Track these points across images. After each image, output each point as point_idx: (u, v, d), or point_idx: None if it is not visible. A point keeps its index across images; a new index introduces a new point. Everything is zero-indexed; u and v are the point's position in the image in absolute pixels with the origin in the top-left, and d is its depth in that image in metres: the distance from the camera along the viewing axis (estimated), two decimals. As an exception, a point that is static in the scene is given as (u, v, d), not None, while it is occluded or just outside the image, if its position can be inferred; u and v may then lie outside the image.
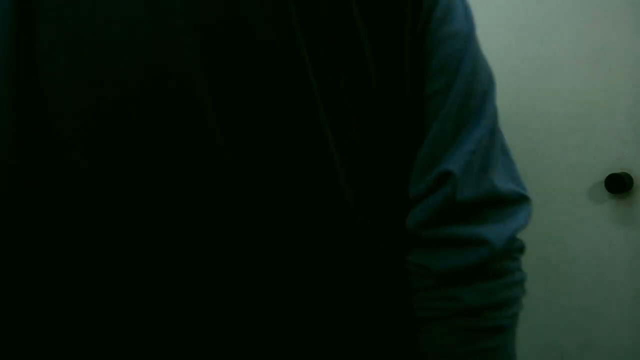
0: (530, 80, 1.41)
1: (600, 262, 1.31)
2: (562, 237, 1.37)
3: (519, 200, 0.42)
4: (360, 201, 0.37)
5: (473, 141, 0.38)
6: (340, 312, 0.35)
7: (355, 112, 0.36)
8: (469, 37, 0.39)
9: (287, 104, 0.34)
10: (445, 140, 0.38)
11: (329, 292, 0.35)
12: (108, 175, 0.35)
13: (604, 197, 1.29)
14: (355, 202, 0.36)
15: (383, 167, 0.38)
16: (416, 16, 0.37)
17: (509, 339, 0.38)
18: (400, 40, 0.37)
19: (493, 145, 0.40)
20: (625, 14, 1.25)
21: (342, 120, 0.35)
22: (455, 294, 0.36)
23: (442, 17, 0.38)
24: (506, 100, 1.47)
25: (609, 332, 1.31)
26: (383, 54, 0.36)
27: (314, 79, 0.34)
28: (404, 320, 0.37)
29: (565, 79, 1.34)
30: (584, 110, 1.32)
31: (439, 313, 0.37)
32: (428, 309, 0.37)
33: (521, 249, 0.42)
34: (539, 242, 1.41)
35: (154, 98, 0.34)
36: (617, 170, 1.26)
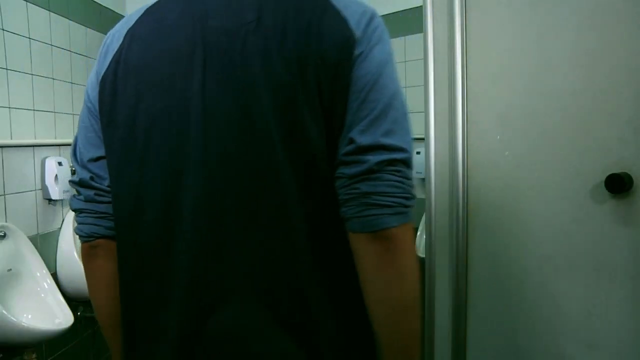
0: (530, 80, 1.41)
1: (600, 262, 1.31)
2: (562, 236, 1.37)
3: (397, 148, 0.72)
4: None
5: (365, 124, 0.72)
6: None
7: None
8: (375, 74, 0.73)
9: (301, 127, 0.72)
10: (351, 126, 0.73)
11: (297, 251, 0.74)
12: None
13: (604, 197, 1.29)
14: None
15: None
16: (353, 61, 0.72)
17: (391, 214, 0.71)
18: (345, 80, 0.72)
19: (384, 123, 0.72)
20: (625, 14, 1.25)
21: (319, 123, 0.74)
22: (357, 186, 0.71)
23: (361, 62, 0.73)
24: (506, 100, 1.48)
25: (609, 332, 1.31)
26: (337, 89, 0.73)
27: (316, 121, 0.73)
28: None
29: (565, 79, 1.34)
30: (584, 110, 1.32)
31: (351, 196, 0.72)
32: (347, 194, 0.72)
33: (399, 171, 0.72)
34: (539, 242, 1.41)
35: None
36: (617, 170, 1.26)
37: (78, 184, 0.85)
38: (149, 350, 0.77)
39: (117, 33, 0.81)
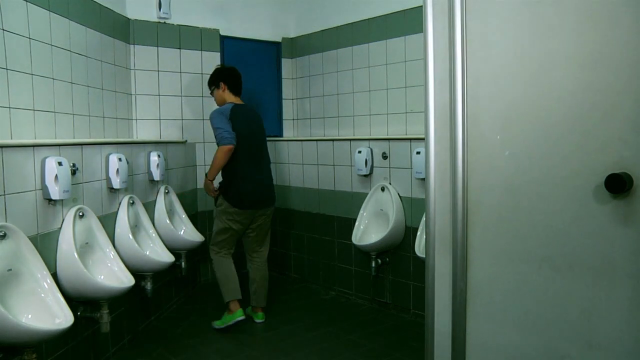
0: (530, 80, 1.41)
1: (600, 262, 1.31)
2: (562, 236, 1.37)
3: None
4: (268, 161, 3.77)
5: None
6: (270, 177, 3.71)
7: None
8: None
9: (263, 142, 3.70)
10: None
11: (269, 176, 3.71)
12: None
13: (605, 197, 1.29)
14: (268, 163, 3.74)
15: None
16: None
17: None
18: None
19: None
20: (625, 14, 1.25)
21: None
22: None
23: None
24: (506, 100, 1.47)
25: (609, 332, 1.31)
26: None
27: (263, 136, 3.70)
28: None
29: (565, 79, 1.34)
30: (584, 110, 1.32)
31: None
32: None
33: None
34: (539, 242, 1.41)
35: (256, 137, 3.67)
36: (617, 170, 1.26)
37: (230, 136, 3.37)
38: (248, 185, 3.50)
39: (227, 108, 3.45)
